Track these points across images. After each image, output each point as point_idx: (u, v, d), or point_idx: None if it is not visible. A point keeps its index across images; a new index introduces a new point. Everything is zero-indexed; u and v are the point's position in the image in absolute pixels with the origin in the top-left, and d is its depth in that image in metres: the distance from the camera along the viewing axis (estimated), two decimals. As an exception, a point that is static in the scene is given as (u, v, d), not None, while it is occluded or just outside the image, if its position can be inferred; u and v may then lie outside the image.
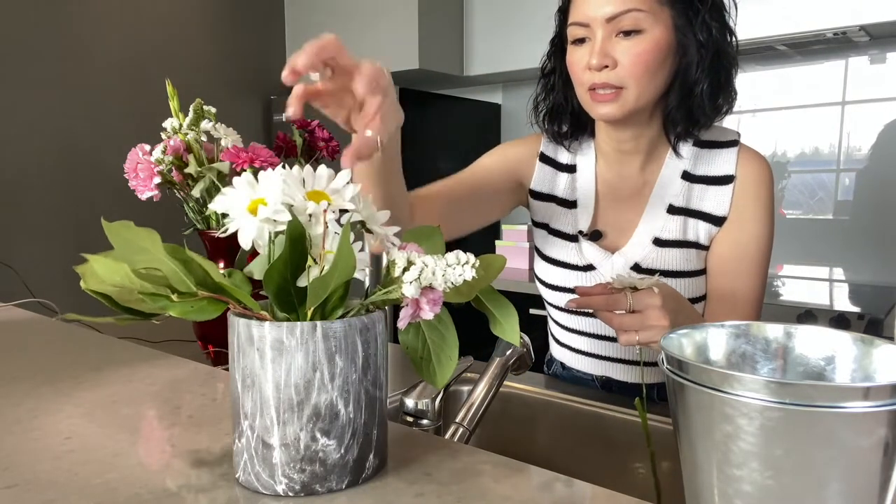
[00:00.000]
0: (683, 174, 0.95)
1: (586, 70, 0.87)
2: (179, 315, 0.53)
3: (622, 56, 0.84)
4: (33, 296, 1.50)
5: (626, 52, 0.84)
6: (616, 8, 0.82)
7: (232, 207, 0.54)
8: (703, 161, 0.94)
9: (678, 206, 0.94)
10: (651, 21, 0.83)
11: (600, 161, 1.00)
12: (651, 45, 0.84)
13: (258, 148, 0.97)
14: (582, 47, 0.88)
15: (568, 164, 1.03)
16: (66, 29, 2.52)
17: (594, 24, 0.85)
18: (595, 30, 0.85)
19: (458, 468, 0.62)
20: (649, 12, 0.83)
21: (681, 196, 0.95)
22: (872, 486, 0.42)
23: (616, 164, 0.98)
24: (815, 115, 2.37)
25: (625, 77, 0.85)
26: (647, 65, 0.84)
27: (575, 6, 0.88)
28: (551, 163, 1.04)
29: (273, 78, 3.22)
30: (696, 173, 0.94)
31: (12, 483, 0.59)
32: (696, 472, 0.48)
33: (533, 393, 1.08)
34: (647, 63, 0.84)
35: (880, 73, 2.25)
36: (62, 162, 2.53)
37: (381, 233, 0.58)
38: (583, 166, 1.01)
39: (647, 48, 0.84)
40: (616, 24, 0.84)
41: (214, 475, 0.61)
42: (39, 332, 1.18)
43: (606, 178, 0.99)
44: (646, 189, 0.96)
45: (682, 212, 0.94)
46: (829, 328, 0.54)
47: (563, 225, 1.02)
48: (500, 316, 0.64)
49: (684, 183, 0.95)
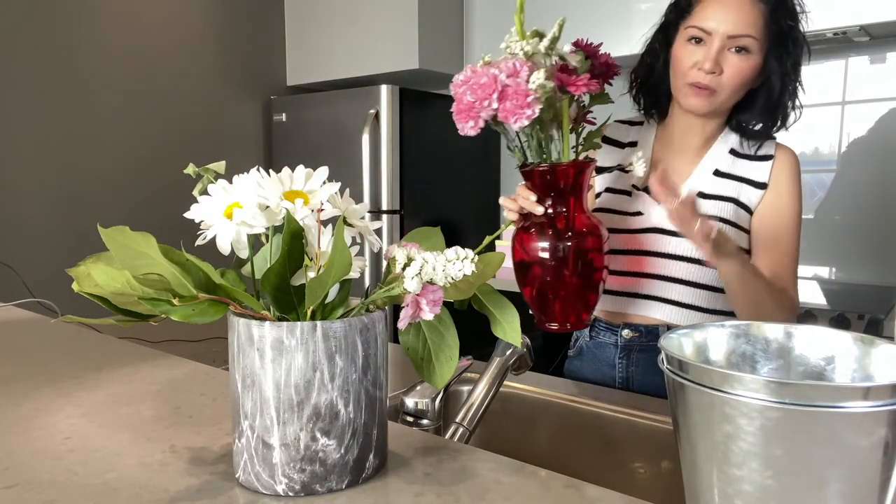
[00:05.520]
0: (731, 150, 1.13)
1: (694, 68, 1.03)
2: (181, 319, 0.53)
3: (728, 67, 1.02)
4: (33, 296, 1.50)
5: (732, 66, 1.02)
6: (739, 30, 1.01)
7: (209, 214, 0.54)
8: (749, 146, 1.13)
9: (724, 172, 1.13)
10: (757, 47, 1.02)
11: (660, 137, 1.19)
12: (751, 66, 1.03)
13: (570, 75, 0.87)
14: (697, 48, 1.04)
15: (630, 142, 1.21)
16: (66, 29, 2.52)
17: (716, 34, 1.02)
18: (714, 40, 1.02)
19: (458, 468, 0.62)
20: (758, 39, 1.02)
21: (726, 165, 1.13)
22: (872, 486, 0.42)
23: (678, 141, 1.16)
24: (815, 115, 2.37)
25: (724, 84, 1.03)
26: (742, 80, 1.03)
27: (701, 12, 1.04)
28: (615, 143, 1.22)
29: (273, 78, 3.23)
30: (742, 152, 1.13)
31: (12, 483, 0.59)
32: (696, 472, 0.48)
33: (533, 393, 1.08)
34: (743, 79, 1.03)
35: (880, 73, 2.25)
36: (62, 162, 2.53)
37: (362, 226, 0.59)
38: (643, 143, 1.20)
39: (748, 67, 1.03)
40: (733, 42, 1.02)
41: (214, 475, 0.60)
42: (39, 332, 1.18)
43: (663, 150, 1.18)
44: (696, 162, 1.15)
45: (727, 176, 1.13)
46: (829, 328, 0.54)
47: (621, 185, 1.19)
48: (501, 316, 0.64)
49: (731, 157, 1.13)
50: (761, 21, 1.02)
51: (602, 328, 1.20)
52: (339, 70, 2.97)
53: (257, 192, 0.54)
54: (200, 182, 0.97)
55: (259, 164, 0.98)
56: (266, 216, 0.54)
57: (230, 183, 0.56)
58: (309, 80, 3.11)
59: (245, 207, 0.53)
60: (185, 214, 0.56)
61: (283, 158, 3.03)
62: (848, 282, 2.34)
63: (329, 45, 3.01)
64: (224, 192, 0.55)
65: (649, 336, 1.14)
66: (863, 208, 2.31)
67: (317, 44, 3.06)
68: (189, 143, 2.89)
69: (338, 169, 2.61)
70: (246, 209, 0.53)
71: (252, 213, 0.53)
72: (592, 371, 1.20)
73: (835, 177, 2.37)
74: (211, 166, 0.98)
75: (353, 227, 0.58)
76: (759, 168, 1.12)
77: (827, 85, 2.35)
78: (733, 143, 1.14)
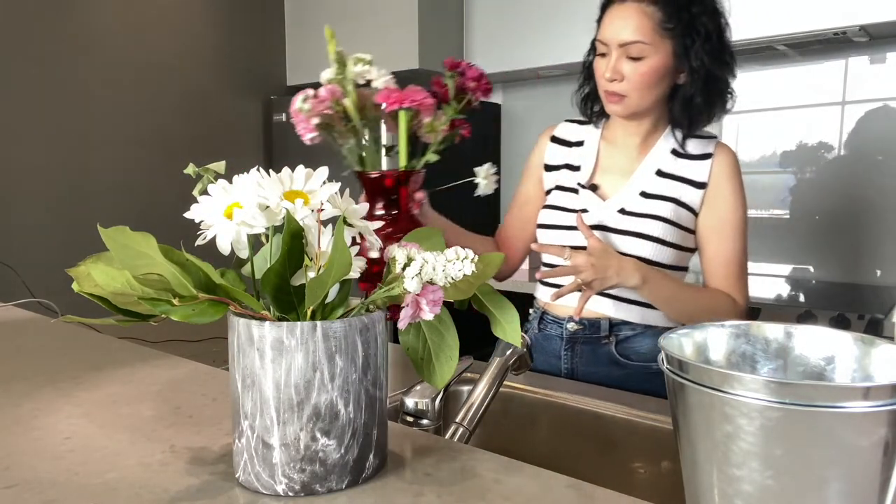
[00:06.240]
0: (672, 151, 1.19)
1: (602, 77, 1.13)
2: (181, 319, 0.53)
3: (628, 73, 1.10)
4: (33, 296, 1.50)
5: (630, 71, 1.10)
6: (627, 38, 1.08)
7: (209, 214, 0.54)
8: (690, 146, 1.18)
9: (666, 172, 1.18)
10: (652, 50, 1.09)
11: (605, 136, 1.26)
12: (649, 69, 1.10)
13: (413, 90, 0.98)
14: (603, 59, 1.13)
15: (577, 141, 1.28)
16: (66, 29, 2.52)
17: (611, 45, 1.11)
18: (612, 50, 1.11)
19: (458, 468, 0.62)
20: (651, 44, 1.08)
21: (668, 165, 1.18)
22: (872, 486, 0.42)
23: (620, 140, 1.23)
24: (815, 115, 2.37)
25: (628, 89, 1.11)
26: (644, 82, 1.10)
27: (602, 25, 1.13)
28: (562, 142, 1.30)
29: (273, 78, 3.23)
30: (682, 151, 1.18)
31: (12, 483, 0.59)
32: (696, 472, 0.48)
33: (533, 393, 1.08)
34: (645, 81, 1.10)
35: (880, 73, 2.25)
36: (62, 162, 2.53)
37: (362, 227, 0.59)
38: (589, 142, 1.26)
39: (646, 70, 1.10)
40: (626, 50, 1.09)
41: (214, 475, 0.60)
42: (39, 332, 1.18)
43: (608, 149, 1.25)
44: (639, 159, 1.21)
45: (669, 176, 1.18)
46: (829, 328, 0.54)
47: (568, 182, 1.25)
48: (501, 316, 0.64)
49: (673, 157, 1.19)
50: (650, 25, 1.08)
51: (549, 321, 1.26)
52: (339, 70, 2.96)
53: (257, 192, 0.54)
54: (200, 182, 0.97)
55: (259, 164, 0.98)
56: (266, 216, 0.54)
57: (230, 183, 0.56)
58: (309, 80, 3.11)
59: (245, 207, 0.53)
60: (185, 214, 0.56)
61: (283, 158, 3.03)
62: (848, 282, 2.34)
63: (329, 45, 3.01)
64: (224, 192, 0.54)
65: (592, 329, 1.19)
66: (863, 208, 2.31)
67: (317, 44, 3.06)
68: (189, 142, 2.89)
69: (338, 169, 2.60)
70: (246, 209, 0.53)
71: (252, 213, 0.53)
72: (541, 362, 1.26)
73: (835, 177, 2.37)
74: (211, 166, 0.98)
75: (353, 227, 0.58)
76: (698, 167, 1.16)
77: (827, 85, 2.35)
78: (675, 143, 1.19)
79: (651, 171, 1.18)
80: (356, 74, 1.00)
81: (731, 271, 1.15)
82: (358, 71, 0.99)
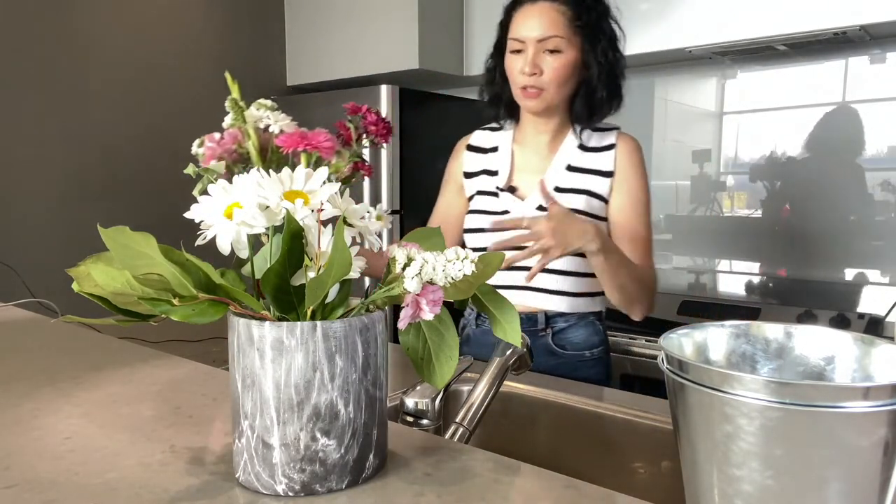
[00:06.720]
0: (579, 145, 1.27)
1: (520, 74, 1.19)
2: (181, 319, 0.53)
3: (547, 67, 1.18)
4: (33, 296, 1.50)
5: (549, 65, 1.18)
6: (544, 33, 1.16)
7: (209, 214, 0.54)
8: (594, 139, 1.28)
9: (575, 166, 1.27)
10: (567, 45, 1.17)
11: (517, 139, 1.34)
12: (566, 62, 1.18)
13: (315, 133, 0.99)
14: (519, 57, 1.20)
15: (491, 147, 1.36)
16: (67, 29, 2.52)
17: (528, 41, 1.18)
18: (528, 46, 1.18)
19: (458, 468, 0.62)
20: (566, 38, 1.17)
21: (576, 160, 1.27)
22: (872, 486, 0.42)
23: (531, 140, 1.30)
24: (815, 115, 2.36)
25: (547, 82, 1.18)
26: (560, 76, 1.18)
27: (515, 25, 1.20)
28: (478, 150, 1.38)
29: (273, 78, 3.23)
30: (588, 145, 1.27)
31: (12, 483, 0.59)
32: (696, 472, 0.48)
33: (533, 393, 1.08)
34: (563, 74, 1.18)
35: (880, 73, 2.25)
36: (62, 162, 2.53)
37: (362, 227, 0.59)
38: (502, 146, 1.34)
39: (563, 63, 1.18)
40: (543, 45, 1.17)
41: (214, 475, 0.61)
42: (39, 332, 1.18)
43: (521, 151, 1.32)
44: (550, 157, 1.29)
45: (578, 170, 1.26)
46: (829, 328, 0.54)
47: (488, 187, 1.32)
48: (501, 316, 0.64)
49: (580, 151, 1.27)
50: (563, 21, 1.17)
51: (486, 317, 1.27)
52: (339, 70, 2.96)
53: (257, 192, 0.54)
54: (200, 182, 0.97)
55: (259, 164, 0.99)
56: (266, 216, 0.54)
57: (230, 183, 0.56)
58: (309, 80, 3.11)
59: (245, 207, 0.53)
60: (185, 214, 0.56)
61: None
62: (849, 281, 2.34)
63: (329, 45, 3.01)
64: (224, 192, 0.54)
65: (529, 322, 1.26)
66: (864, 208, 2.31)
67: (317, 44, 3.06)
68: (189, 143, 2.89)
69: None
70: (246, 209, 0.53)
71: (252, 213, 0.53)
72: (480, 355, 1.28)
73: (835, 176, 2.36)
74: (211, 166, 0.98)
75: (353, 227, 0.58)
76: (603, 158, 1.26)
77: (827, 85, 2.35)
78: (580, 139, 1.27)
79: (562, 167, 1.26)
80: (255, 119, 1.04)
81: (641, 246, 1.24)
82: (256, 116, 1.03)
